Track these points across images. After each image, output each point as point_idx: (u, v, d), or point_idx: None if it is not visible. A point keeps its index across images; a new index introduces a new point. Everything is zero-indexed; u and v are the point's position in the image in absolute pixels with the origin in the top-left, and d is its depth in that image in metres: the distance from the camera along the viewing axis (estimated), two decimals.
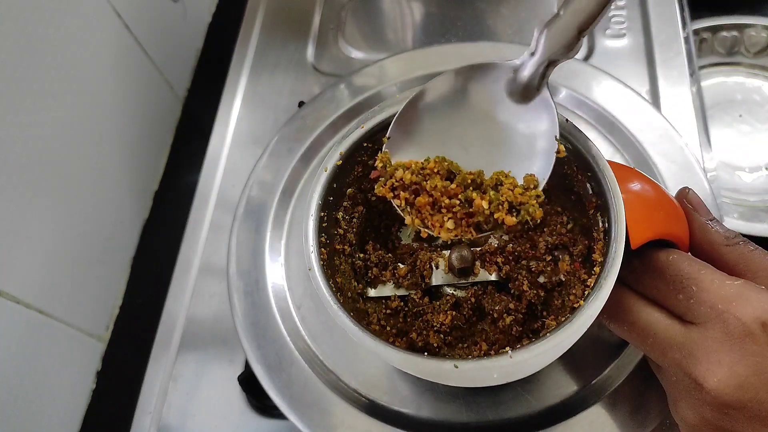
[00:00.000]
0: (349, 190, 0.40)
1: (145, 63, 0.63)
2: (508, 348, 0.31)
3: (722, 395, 0.28)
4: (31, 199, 0.48)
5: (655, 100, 0.57)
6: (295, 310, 0.45)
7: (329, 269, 0.36)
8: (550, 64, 0.30)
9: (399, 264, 0.42)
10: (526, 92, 0.32)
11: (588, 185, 0.36)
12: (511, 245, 0.40)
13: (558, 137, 0.31)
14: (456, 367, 0.30)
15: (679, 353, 0.30)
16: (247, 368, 0.49)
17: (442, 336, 0.39)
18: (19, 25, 0.45)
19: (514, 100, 0.32)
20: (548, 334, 0.30)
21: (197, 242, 0.57)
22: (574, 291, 0.36)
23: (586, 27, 0.28)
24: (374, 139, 0.39)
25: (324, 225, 0.37)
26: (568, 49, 0.29)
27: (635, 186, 0.35)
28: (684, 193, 0.36)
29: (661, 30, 0.61)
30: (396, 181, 0.33)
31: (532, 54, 0.30)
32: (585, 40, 0.63)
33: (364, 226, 0.42)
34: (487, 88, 0.33)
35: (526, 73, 0.31)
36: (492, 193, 0.32)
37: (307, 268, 0.35)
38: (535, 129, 0.32)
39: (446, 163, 0.33)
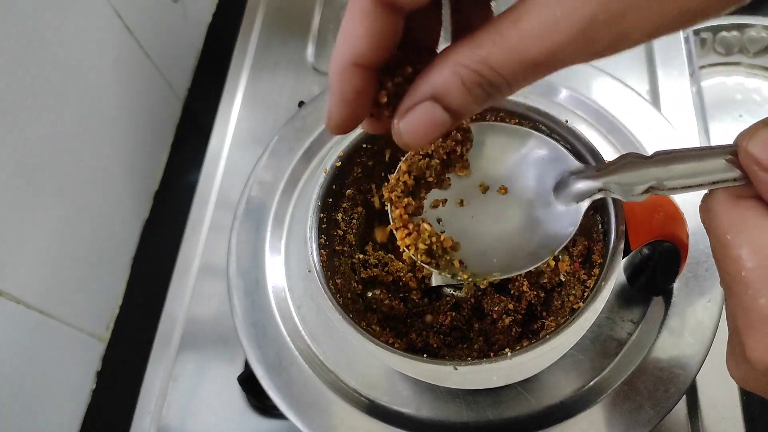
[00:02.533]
0: (349, 191, 0.40)
1: (146, 63, 0.63)
2: (507, 350, 0.31)
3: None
4: (32, 200, 0.48)
5: (655, 100, 0.57)
6: (295, 310, 0.45)
7: (329, 270, 0.36)
8: (602, 191, 0.28)
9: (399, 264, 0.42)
10: (564, 193, 0.30)
11: None
12: None
13: (554, 254, 0.30)
14: (455, 369, 0.30)
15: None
16: (247, 368, 0.49)
17: (441, 337, 0.39)
18: (20, 25, 0.45)
19: (552, 190, 0.31)
20: (547, 336, 0.30)
21: (197, 242, 0.57)
22: (573, 292, 0.36)
23: (658, 189, 0.25)
24: (374, 140, 0.39)
25: (323, 226, 0.37)
26: (631, 194, 0.26)
27: None
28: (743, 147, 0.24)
29: None
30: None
31: (598, 171, 0.28)
32: None
33: (363, 227, 0.42)
34: (542, 164, 0.31)
35: (578, 183, 0.29)
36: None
37: (307, 269, 0.35)
38: (547, 226, 0.30)
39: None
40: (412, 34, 0.24)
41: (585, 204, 0.29)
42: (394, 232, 0.31)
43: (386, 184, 0.32)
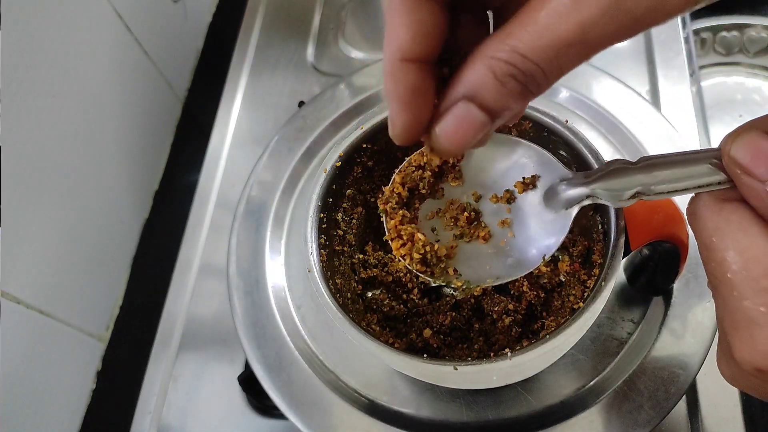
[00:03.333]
0: (349, 191, 0.40)
1: (145, 63, 0.63)
2: (507, 350, 0.31)
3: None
4: (32, 200, 0.48)
5: (655, 100, 0.57)
6: (295, 310, 0.45)
7: (329, 270, 0.36)
8: (590, 197, 0.28)
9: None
10: (554, 200, 0.30)
11: None
12: None
13: (546, 260, 0.30)
14: (455, 369, 0.30)
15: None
16: (247, 368, 0.49)
17: (441, 337, 0.39)
18: (20, 25, 0.45)
19: (542, 197, 0.31)
20: (547, 336, 0.30)
21: (197, 242, 0.57)
22: (573, 292, 0.36)
23: (645, 195, 0.25)
24: (374, 139, 0.39)
25: (323, 226, 0.37)
26: (619, 200, 0.26)
27: None
28: (726, 150, 0.23)
29: (661, 30, 0.61)
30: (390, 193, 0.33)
31: (586, 178, 0.28)
32: None
33: (363, 227, 0.42)
34: (531, 172, 0.31)
35: (567, 190, 0.29)
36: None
37: (307, 269, 0.35)
38: (538, 233, 0.31)
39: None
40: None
41: (574, 210, 0.29)
42: (390, 242, 0.32)
43: (381, 195, 0.32)
